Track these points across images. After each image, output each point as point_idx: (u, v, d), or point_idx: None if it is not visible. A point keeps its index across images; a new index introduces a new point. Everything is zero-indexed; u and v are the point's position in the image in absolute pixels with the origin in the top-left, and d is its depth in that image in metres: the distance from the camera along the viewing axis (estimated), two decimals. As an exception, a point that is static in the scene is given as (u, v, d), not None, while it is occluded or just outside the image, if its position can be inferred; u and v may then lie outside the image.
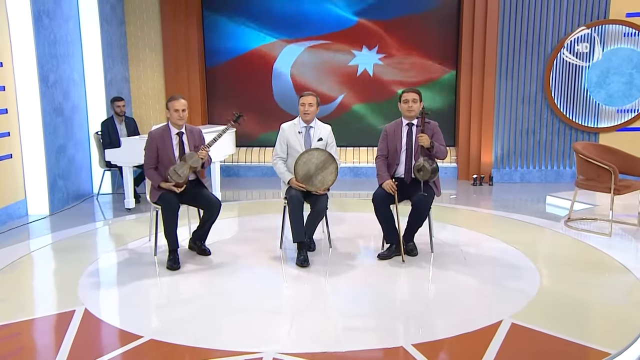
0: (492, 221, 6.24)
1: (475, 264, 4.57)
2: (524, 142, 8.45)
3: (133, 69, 8.72)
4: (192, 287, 4.19)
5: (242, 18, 8.84)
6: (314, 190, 4.65)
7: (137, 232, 5.65)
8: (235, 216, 6.57)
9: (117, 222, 6.28)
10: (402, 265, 4.52)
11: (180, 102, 4.59)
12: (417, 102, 4.63)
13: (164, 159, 4.60)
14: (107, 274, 4.55)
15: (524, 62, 8.22)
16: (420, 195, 4.52)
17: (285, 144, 4.86)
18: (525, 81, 8.27)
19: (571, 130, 8.34)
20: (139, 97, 8.79)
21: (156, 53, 8.67)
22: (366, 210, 6.53)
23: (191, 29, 8.64)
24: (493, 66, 8.23)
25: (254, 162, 9.15)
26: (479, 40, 8.23)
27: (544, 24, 8.10)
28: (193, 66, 8.68)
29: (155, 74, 8.72)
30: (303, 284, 4.17)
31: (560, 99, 8.24)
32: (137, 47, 8.68)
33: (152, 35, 8.64)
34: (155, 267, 4.59)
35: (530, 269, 4.43)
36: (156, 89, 8.75)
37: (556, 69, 8.16)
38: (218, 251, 4.95)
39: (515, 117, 8.39)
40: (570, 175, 8.39)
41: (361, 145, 9.05)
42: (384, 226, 4.67)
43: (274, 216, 6.28)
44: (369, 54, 8.82)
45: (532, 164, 8.52)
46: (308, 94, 4.85)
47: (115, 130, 7.22)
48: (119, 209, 6.83)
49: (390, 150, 4.75)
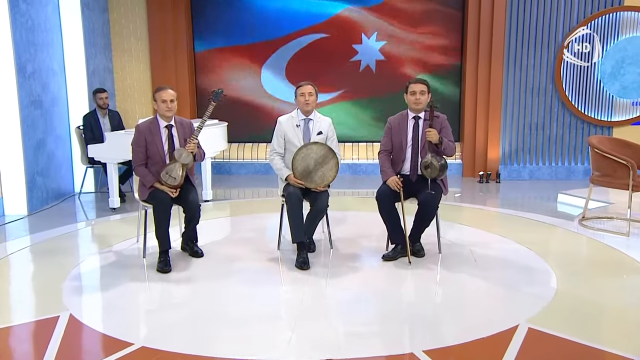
0: (501, 220, 6.23)
1: (486, 265, 4.55)
2: (533, 136, 8.45)
3: (117, 59, 8.66)
4: (184, 291, 4.14)
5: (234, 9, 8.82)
6: (314, 187, 4.62)
7: (123, 233, 5.60)
8: (228, 216, 6.53)
9: (100, 222, 6.22)
10: (409, 266, 4.49)
11: (168, 92, 4.54)
12: (425, 93, 4.59)
13: (153, 155, 4.55)
14: (93, 277, 4.48)
15: (533, 51, 8.22)
16: (427, 193, 4.49)
17: (282, 138, 4.82)
18: (534, 72, 8.27)
19: (583, 124, 8.35)
20: (124, 89, 8.72)
21: (142, 42, 8.61)
22: (367, 209, 6.55)
23: (179, 17, 8.59)
24: (500, 55, 8.22)
25: (247, 158, 9.11)
26: (486, 27, 8.22)
27: (555, 10, 8.09)
28: (181, 56, 8.63)
29: (140, 64, 8.66)
30: (303, 287, 4.12)
31: (572, 90, 8.24)
32: (121, 36, 8.61)
33: (137, 23, 8.58)
34: (144, 270, 4.54)
35: (545, 271, 4.41)
36: (142, 81, 8.69)
37: (568, 57, 8.14)
38: (211, 253, 4.90)
39: (523, 110, 8.39)
40: (583, 172, 8.39)
41: (360, 141, 9.01)
42: (389, 225, 4.64)
43: (270, 215, 6.26)
44: (369, 43, 8.79)
45: (542, 160, 8.52)
46: (306, 83, 4.81)
47: (98, 124, 7.16)
48: (102, 209, 6.77)
49: (395, 145, 4.71)
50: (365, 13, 8.72)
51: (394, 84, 8.62)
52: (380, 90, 8.86)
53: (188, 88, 8.61)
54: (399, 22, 8.71)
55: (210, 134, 6.77)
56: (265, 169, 8.97)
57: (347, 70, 8.87)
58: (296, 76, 8.74)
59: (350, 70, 8.88)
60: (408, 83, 4.67)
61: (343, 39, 8.79)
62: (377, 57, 8.85)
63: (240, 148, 9.15)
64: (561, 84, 8.20)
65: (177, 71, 8.60)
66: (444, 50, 8.76)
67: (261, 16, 8.82)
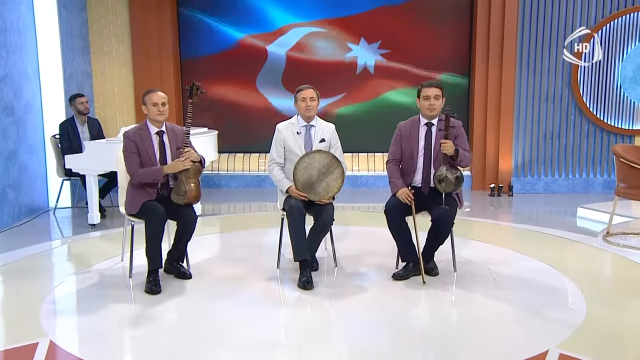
0: (518, 236, 6.21)
1: (506, 285, 4.50)
2: (548, 146, 8.45)
3: (96, 62, 8.61)
4: (175, 315, 4.06)
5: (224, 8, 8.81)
6: (317, 200, 4.58)
7: (105, 252, 5.51)
8: (218, 232, 6.47)
9: (79, 240, 6.13)
10: (422, 286, 4.43)
11: (158, 94, 4.51)
12: (439, 98, 4.55)
13: (144, 164, 4.50)
14: (73, 300, 4.39)
15: (547, 53, 8.24)
16: (442, 208, 4.42)
17: (282, 146, 4.78)
18: (549, 75, 8.28)
19: (602, 133, 8.36)
20: (103, 94, 8.66)
21: (123, 44, 8.58)
22: (371, 223, 6.53)
23: (164, 16, 8.58)
24: (512, 58, 8.24)
25: (238, 170, 9.05)
26: (496, 27, 8.23)
27: (572, 8, 8.13)
28: (167, 59, 8.61)
29: (122, 68, 8.62)
30: (305, 310, 4.05)
31: (590, 96, 8.26)
32: (101, 37, 8.57)
33: (118, 23, 8.55)
34: (130, 292, 4.46)
35: (570, 291, 4.38)
36: (123, 86, 8.65)
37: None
38: (202, 273, 4.82)
39: (538, 117, 8.39)
40: (602, 185, 8.39)
41: (360, 151, 8.97)
42: (399, 241, 4.59)
43: (266, 231, 6.22)
44: (368, 48, 8.78)
45: (558, 172, 8.51)
46: (307, 87, 4.78)
47: (76, 132, 7.10)
48: (80, 225, 6.69)
49: (405, 154, 4.66)
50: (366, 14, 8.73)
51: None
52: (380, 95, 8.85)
53: (174, 94, 8.57)
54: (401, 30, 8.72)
55: (199, 144, 6.68)
56: (258, 181, 8.92)
57: (345, 72, 8.85)
58: (291, 76, 8.74)
59: (348, 73, 8.86)
60: (421, 86, 4.63)
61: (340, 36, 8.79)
62: (377, 58, 8.83)
63: (230, 159, 9.09)
64: (578, 89, 8.22)
65: (162, 75, 8.56)
66: (449, 50, 8.76)
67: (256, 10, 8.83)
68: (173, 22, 8.72)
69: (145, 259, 4.46)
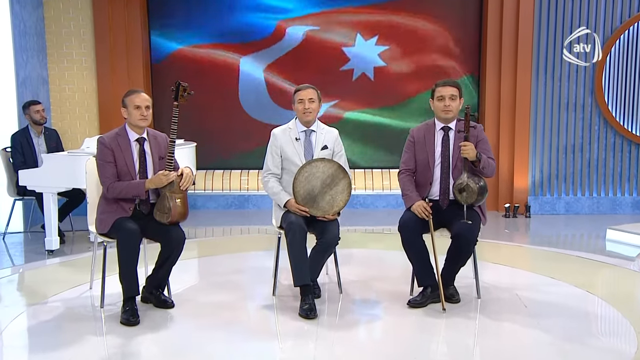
0: (545, 259, 6.19)
1: (540, 313, 4.46)
2: (569, 161, 8.49)
3: (53, 66, 8.55)
4: (156, 350, 3.96)
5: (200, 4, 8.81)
6: (321, 215, 4.54)
7: (68, 279, 5.39)
8: (198, 256, 6.41)
9: (36, 267, 6.01)
10: (443, 314, 4.38)
11: (141, 96, 4.48)
12: (456, 99, 4.56)
13: (121, 176, 4.44)
14: (36, 335, 4.27)
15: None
16: (463, 223, 4.40)
17: (278, 155, 4.76)
18: (569, 81, 8.35)
19: (630, 146, 8.42)
20: (61, 102, 8.58)
21: (85, 45, 8.52)
22: (378, 245, 6.55)
23: (133, 13, 8.54)
24: (528, 62, 8.29)
25: (217, 189, 8.96)
26: (510, 26, 8.28)
27: (594, 6, 8.22)
28: (135, 62, 8.57)
29: (84, 72, 8.55)
30: (307, 343, 3.97)
31: (616, 104, 8.33)
32: (59, 37, 8.51)
33: (80, 21, 8.49)
34: (102, 324, 4.38)
35: (615, 318, 4.36)
36: (85, 93, 8.57)
37: (610, 65, 8.24)
38: (185, 302, 4.75)
39: (557, 128, 8.44)
40: (632, 205, 8.44)
41: (357, 167, 8.93)
42: (416, 263, 4.55)
43: (256, 254, 6.24)
44: (366, 47, 8.80)
45: (581, 190, 8.54)
46: (306, 86, 4.78)
47: (31, 145, 7.06)
48: (35, 252, 6.58)
49: (420, 163, 4.65)
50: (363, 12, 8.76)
51: (395, 96, 8.63)
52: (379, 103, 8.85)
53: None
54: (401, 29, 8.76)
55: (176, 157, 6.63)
56: (240, 201, 8.84)
57: (340, 78, 8.85)
58: (276, 85, 8.70)
59: (343, 79, 8.86)
60: (435, 86, 4.64)
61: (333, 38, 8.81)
62: (376, 63, 8.84)
63: (208, 176, 9.02)
64: (602, 97, 8.28)
65: (130, 80, 8.49)
66: (456, 53, 8.80)
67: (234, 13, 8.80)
68: (143, 18, 8.68)
69: (120, 285, 4.37)
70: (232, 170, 9.00)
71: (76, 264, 5.89)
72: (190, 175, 4.51)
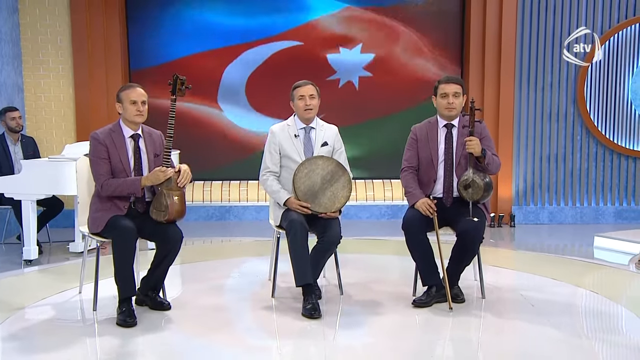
0: (544, 262, 6.16)
1: (549, 311, 4.44)
2: (552, 171, 8.52)
3: (29, 74, 8.38)
4: (154, 352, 3.85)
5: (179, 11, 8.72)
6: (322, 212, 4.49)
7: (54, 285, 5.26)
8: (190, 262, 6.29)
9: (14, 275, 5.81)
10: (449, 313, 4.34)
11: (137, 91, 4.42)
12: (459, 96, 4.57)
13: (115, 172, 4.35)
14: (25, 338, 4.10)
15: (550, 66, 8.38)
16: (468, 220, 4.37)
17: (277, 152, 4.75)
18: (552, 91, 8.41)
19: (612, 155, 8.48)
20: (37, 111, 8.40)
21: (62, 52, 8.37)
22: (375, 251, 6.56)
23: (112, 19, 8.43)
24: (511, 72, 8.34)
25: (197, 200, 8.83)
26: (492, 36, 8.33)
27: (575, 16, 8.30)
28: (114, 70, 8.44)
29: (61, 80, 8.39)
30: (307, 347, 3.92)
31: (598, 114, 8.40)
32: (35, 44, 8.35)
33: (57, 28, 8.35)
34: (94, 326, 4.26)
35: (627, 317, 4.37)
36: (62, 101, 8.41)
37: (592, 74, 8.32)
38: (182, 305, 4.69)
39: (540, 138, 8.48)
40: (614, 215, 8.49)
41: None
42: (421, 262, 4.52)
43: (248, 259, 6.26)
44: (351, 55, 8.78)
45: (564, 200, 8.57)
46: (305, 82, 4.77)
47: (7, 152, 6.95)
48: (11, 262, 6.34)
49: (423, 160, 4.63)
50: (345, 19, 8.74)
51: (381, 108, 8.61)
52: (365, 114, 8.80)
53: (122, 111, 8.35)
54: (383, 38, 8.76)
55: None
56: (221, 213, 8.69)
57: (324, 88, 8.78)
58: (258, 94, 8.64)
59: (328, 89, 8.80)
60: (437, 83, 4.66)
61: (316, 48, 8.76)
62: (361, 73, 8.81)
63: (188, 187, 8.82)
64: (585, 106, 8.35)
65: (109, 89, 8.34)
66: (438, 62, 8.81)
67: (213, 20, 8.73)
68: (122, 25, 8.57)
69: (115, 286, 4.27)
70: (213, 181, 8.86)
71: (58, 272, 5.79)
72: (189, 172, 4.42)
